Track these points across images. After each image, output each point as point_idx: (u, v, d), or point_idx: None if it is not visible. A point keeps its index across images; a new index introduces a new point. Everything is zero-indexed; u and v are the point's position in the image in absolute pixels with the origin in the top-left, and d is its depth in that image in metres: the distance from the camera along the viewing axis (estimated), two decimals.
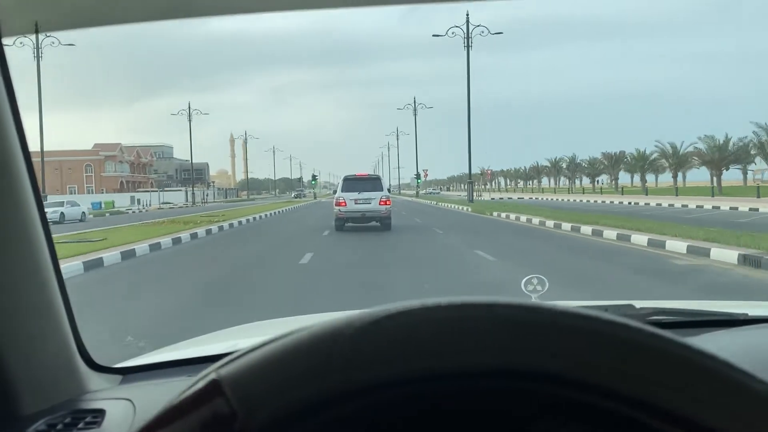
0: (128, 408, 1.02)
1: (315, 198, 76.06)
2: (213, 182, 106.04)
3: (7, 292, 0.99)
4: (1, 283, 0.97)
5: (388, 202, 18.93)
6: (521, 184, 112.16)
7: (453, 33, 37.72)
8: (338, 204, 18.86)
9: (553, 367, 0.45)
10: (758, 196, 34.84)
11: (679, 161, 60.53)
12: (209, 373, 0.46)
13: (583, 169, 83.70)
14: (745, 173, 58.69)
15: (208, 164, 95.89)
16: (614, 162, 74.58)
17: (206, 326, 2.39)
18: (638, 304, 1.57)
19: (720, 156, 53.15)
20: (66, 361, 1.10)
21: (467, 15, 38.03)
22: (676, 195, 45.21)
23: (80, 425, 0.97)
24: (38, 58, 29.02)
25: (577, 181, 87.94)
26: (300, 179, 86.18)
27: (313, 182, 75.18)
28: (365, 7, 1.14)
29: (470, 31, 37.26)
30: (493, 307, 0.47)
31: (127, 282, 10.42)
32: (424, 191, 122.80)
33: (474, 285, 8.62)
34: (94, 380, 1.15)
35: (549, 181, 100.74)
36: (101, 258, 12.13)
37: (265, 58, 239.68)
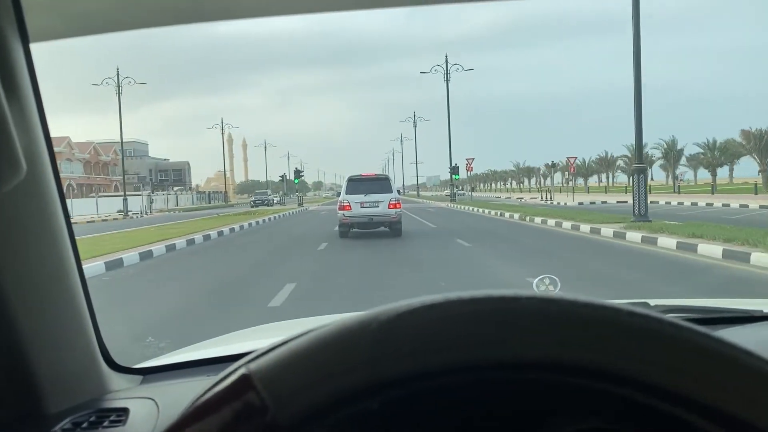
0: (152, 407, 1.04)
1: (300, 205, 49.44)
2: (197, 185, 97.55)
3: (32, 293, 1.00)
4: (26, 284, 0.98)
5: (398, 205, 17.12)
6: (511, 184, 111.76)
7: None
8: (342, 208, 17.08)
9: (580, 358, 0.45)
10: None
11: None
12: (239, 368, 0.46)
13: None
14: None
15: (188, 164, 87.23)
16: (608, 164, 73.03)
17: None
18: (653, 302, 1.56)
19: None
20: (89, 361, 1.12)
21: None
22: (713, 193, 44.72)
23: (105, 423, 0.99)
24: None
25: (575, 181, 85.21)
26: (283, 178, 63.53)
27: (296, 180, 49.98)
28: (370, 9, 1.13)
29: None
30: (518, 300, 0.47)
31: None
32: (435, 192, 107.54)
33: None
34: (115, 380, 1.17)
35: (540, 181, 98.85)
36: None
37: (269, 60, 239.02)
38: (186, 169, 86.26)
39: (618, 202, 38.53)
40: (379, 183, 17.42)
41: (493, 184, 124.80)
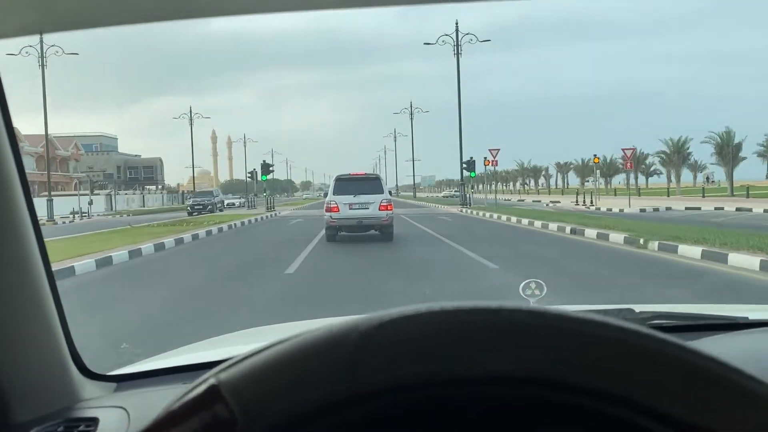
0: (122, 416, 1.01)
1: (271, 209, 37.53)
2: (178, 183, 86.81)
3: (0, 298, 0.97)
4: None
5: (389, 207, 15.92)
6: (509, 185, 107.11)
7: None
8: (329, 209, 15.85)
9: (557, 373, 0.44)
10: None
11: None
12: (208, 378, 0.45)
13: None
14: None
15: (161, 160, 78.45)
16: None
17: None
18: (638, 308, 1.54)
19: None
20: (59, 368, 1.09)
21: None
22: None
23: None
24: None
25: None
26: (252, 174, 44.48)
27: (263, 177, 39.21)
28: (364, 8, 1.11)
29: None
30: (500, 312, 0.46)
31: None
32: (430, 194, 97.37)
33: None
34: (87, 388, 1.14)
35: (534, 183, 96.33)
36: None
37: (258, 59, 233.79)
38: (158, 166, 76.91)
39: (687, 208, 29.75)
40: (369, 183, 16.16)
41: (492, 186, 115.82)
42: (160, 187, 74.02)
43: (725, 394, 0.44)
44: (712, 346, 1.11)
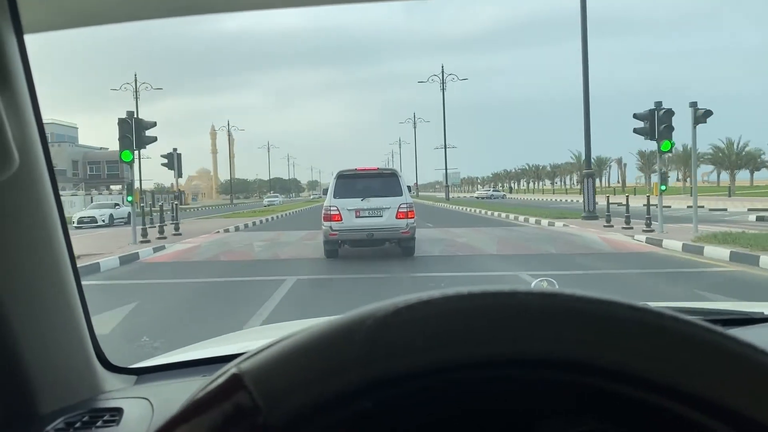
0: (146, 406, 1.03)
1: (175, 231, 18.58)
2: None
3: (27, 293, 0.99)
4: (21, 285, 0.98)
5: (410, 214, 11.97)
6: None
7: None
8: (329, 218, 11.90)
9: (578, 354, 0.44)
10: None
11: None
12: (230, 369, 0.46)
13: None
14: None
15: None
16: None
17: None
18: (653, 305, 1.34)
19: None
20: (83, 361, 1.11)
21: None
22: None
23: (98, 423, 0.98)
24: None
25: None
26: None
27: (125, 155, 15.49)
28: (369, 3, 1.11)
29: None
30: (515, 296, 0.46)
31: None
32: (457, 194, 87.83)
33: None
34: (109, 380, 1.16)
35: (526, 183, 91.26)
36: None
37: (267, 58, 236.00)
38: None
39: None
40: (382, 181, 12.09)
41: (494, 186, 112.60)
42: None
43: (757, 377, 0.43)
44: None
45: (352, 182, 12.05)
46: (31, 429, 0.97)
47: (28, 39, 0.97)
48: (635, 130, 15.49)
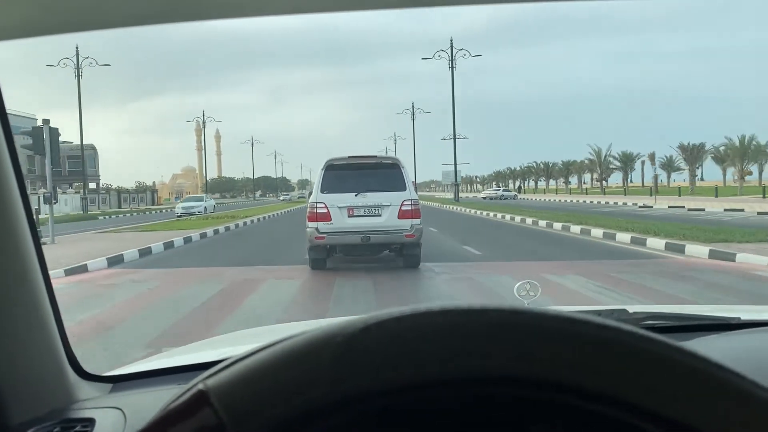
0: (118, 417, 1.01)
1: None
2: (103, 182, 62.82)
3: None
4: None
5: (416, 214, 9.83)
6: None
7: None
8: (315, 217, 9.71)
9: (548, 373, 0.44)
10: None
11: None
12: (196, 384, 0.46)
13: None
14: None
15: (95, 148, 59.53)
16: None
17: None
18: (631, 308, 1.58)
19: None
20: (55, 369, 1.08)
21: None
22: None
23: None
24: None
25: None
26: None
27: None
28: (365, 10, 1.09)
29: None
30: (487, 313, 0.46)
31: None
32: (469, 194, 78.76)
33: None
34: (83, 389, 1.14)
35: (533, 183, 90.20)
36: None
37: (261, 57, 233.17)
38: (93, 157, 57.97)
39: None
40: (381, 172, 9.91)
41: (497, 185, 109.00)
42: (93, 184, 57.93)
43: (716, 395, 0.44)
44: (704, 346, 1.11)
45: (343, 173, 9.89)
46: None
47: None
48: None
